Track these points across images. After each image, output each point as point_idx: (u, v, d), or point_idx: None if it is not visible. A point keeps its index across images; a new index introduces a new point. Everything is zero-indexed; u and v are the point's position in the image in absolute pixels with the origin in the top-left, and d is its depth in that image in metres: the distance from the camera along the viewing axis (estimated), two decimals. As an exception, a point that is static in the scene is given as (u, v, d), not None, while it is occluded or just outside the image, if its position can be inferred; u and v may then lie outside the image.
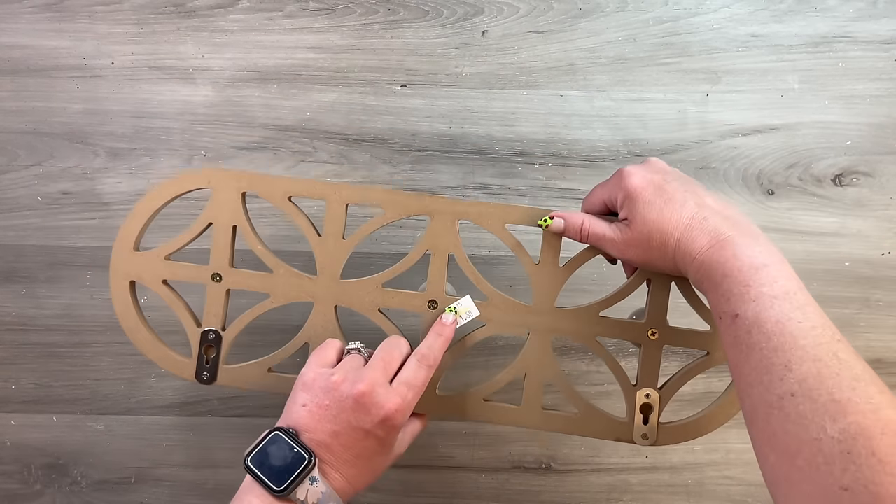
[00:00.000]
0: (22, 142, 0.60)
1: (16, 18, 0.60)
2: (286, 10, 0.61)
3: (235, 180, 0.47)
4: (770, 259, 0.37)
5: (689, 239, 0.40)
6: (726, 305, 0.37)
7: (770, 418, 0.33)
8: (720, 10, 0.61)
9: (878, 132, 0.61)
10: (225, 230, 0.48)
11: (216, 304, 0.48)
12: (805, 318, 0.35)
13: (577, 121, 0.61)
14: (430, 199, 0.47)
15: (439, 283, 0.47)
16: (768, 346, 0.35)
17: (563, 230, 0.45)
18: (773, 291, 0.36)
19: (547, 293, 0.47)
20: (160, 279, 0.48)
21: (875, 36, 0.61)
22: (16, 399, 0.60)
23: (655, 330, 0.46)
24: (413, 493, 0.61)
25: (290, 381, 0.47)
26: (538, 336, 0.47)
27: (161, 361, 0.48)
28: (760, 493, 0.61)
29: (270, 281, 0.48)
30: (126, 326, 0.48)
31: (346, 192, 0.47)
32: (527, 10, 0.61)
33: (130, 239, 0.48)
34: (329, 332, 0.48)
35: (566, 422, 0.47)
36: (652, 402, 0.47)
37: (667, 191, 0.41)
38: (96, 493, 0.60)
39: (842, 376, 0.33)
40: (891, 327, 0.61)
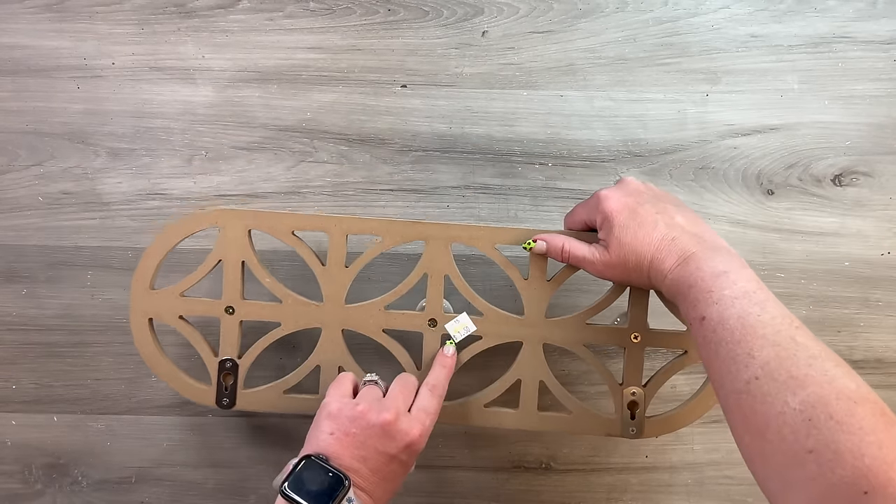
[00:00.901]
0: (22, 142, 0.60)
1: (16, 19, 0.60)
2: (286, 11, 0.61)
3: (241, 219, 0.51)
4: (729, 266, 0.41)
5: (659, 260, 0.44)
6: (694, 311, 0.41)
7: (740, 403, 0.37)
8: (720, 10, 0.61)
9: (878, 132, 0.61)
10: (234, 266, 0.51)
11: (231, 335, 0.51)
12: (763, 311, 0.38)
13: (576, 121, 0.61)
14: (424, 226, 0.51)
15: (437, 302, 0.51)
16: (732, 339, 0.38)
17: (545, 252, 0.49)
18: (734, 293, 0.39)
19: (536, 305, 0.51)
20: (177, 315, 0.51)
21: (875, 36, 0.61)
22: (16, 399, 0.60)
23: (638, 333, 0.51)
24: (413, 493, 0.61)
25: (305, 401, 0.51)
26: (531, 345, 0.51)
27: (183, 390, 0.52)
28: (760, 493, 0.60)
29: (280, 310, 0.51)
30: (148, 360, 0.52)
31: (346, 224, 0.51)
32: (527, 10, 0.61)
33: (146, 279, 0.51)
34: (338, 355, 0.51)
35: (560, 422, 0.51)
36: (638, 398, 0.51)
37: (640, 214, 0.45)
38: (97, 492, 0.60)
39: (798, 356, 0.36)
40: (890, 327, 0.61)
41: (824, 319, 0.61)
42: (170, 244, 0.51)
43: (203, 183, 0.60)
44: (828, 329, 0.61)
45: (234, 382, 0.51)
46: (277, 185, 0.60)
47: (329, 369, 0.51)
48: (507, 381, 0.51)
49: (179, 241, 0.51)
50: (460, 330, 0.51)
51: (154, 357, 0.52)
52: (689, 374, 0.60)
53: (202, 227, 0.51)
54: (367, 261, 0.51)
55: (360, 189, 0.61)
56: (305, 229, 0.51)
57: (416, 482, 0.61)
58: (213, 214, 0.51)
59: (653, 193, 0.47)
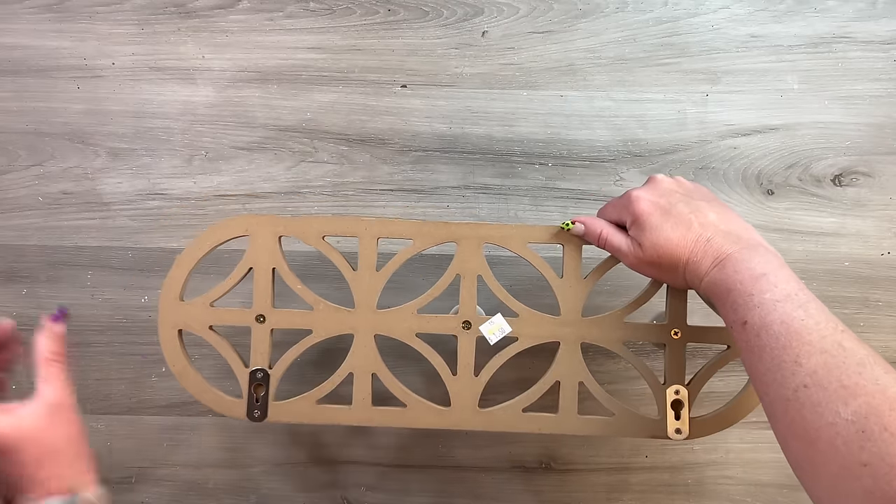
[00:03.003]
0: (23, 142, 0.60)
1: (17, 19, 0.60)
2: (287, 11, 0.61)
3: (271, 225, 0.50)
4: (768, 267, 0.40)
5: (695, 262, 0.43)
6: (734, 315, 0.40)
7: (788, 410, 0.36)
8: (720, 10, 0.61)
9: (878, 132, 0.61)
10: (265, 273, 0.50)
11: (262, 344, 0.50)
12: (807, 315, 0.37)
13: (576, 121, 0.61)
14: (455, 227, 0.50)
15: (471, 304, 0.50)
16: (777, 345, 0.37)
17: (582, 234, 0.48)
18: (775, 296, 0.39)
19: (573, 304, 0.50)
20: (207, 325, 0.50)
21: (874, 36, 0.61)
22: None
23: (678, 330, 0.49)
24: (413, 493, 0.61)
25: (339, 412, 0.49)
26: (568, 345, 0.50)
27: (212, 404, 0.50)
28: (760, 493, 0.61)
29: (311, 317, 0.50)
30: (177, 373, 0.50)
31: (377, 228, 0.50)
32: (527, 10, 0.61)
33: (176, 290, 0.50)
34: (371, 361, 0.50)
35: (603, 425, 0.49)
36: (682, 397, 0.49)
37: (672, 214, 0.44)
38: (97, 492, 0.60)
39: (847, 363, 0.35)
40: (890, 327, 0.61)
41: (824, 319, 0.61)
42: (200, 253, 0.50)
43: (203, 183, 0.60)
44: (828, 329, 0.61)
45: (266, 394, 0.50)
46: (277, 185, 0.60)
47: (362, 376, 0.50)
48: (546, 383, 0.49)
49: (210, 250, 0.50)
50: (495, 331, 0.49)
51: (185, 371, 0.50)
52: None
53: (233, 235, 0.50)
54: (400, 264, 0.50)
55: (360, 189, 0.61)
56: (336, 234, 0.50)
57: (416, 482, 0.61)
58: (242, 221, 0.50)
59: (685, 190, 0.46)
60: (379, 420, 0.49)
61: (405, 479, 0.61)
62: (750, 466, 0.61)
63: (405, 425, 0.49)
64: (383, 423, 0.49)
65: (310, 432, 0.60)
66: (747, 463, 0.61)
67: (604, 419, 0.49)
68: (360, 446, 0.61)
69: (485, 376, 0.50)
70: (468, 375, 0.50)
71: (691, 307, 0.49)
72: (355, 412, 0.49)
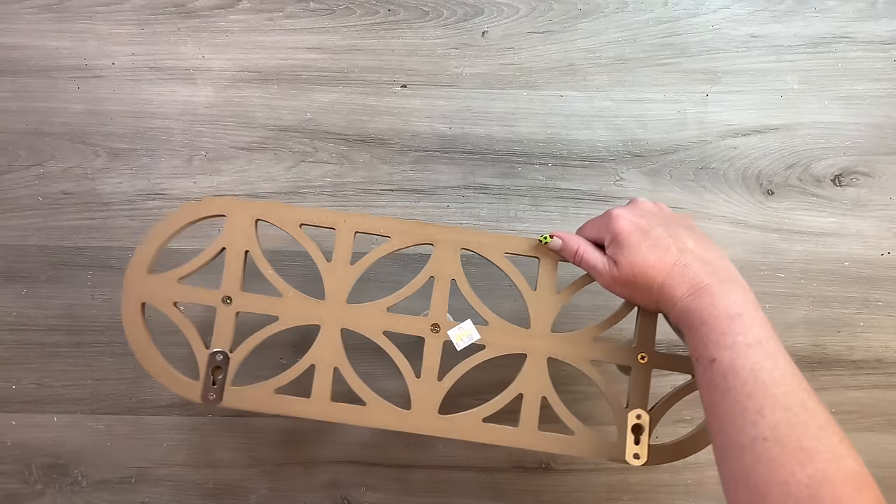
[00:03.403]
0: (23, 142, 0.60)
1: (17, 19, 0.60)
2: (287, 11, 0.61)
3: (249, 208, 0.49)
4: (745, 308, 0.41)
5: (670, 286, 0.43)
6: (704, 350, 0.40)
7: (742, 458, 0.37)
8: (720, 10, 0.61)
9: (878, 132, 0.61)
10: (237, 255, 0.49)
11: (225, 327, 0.49)
12: (776, 366, 0.38)
13: (576, 121, 0.61)
14: (434, 228, 0.50)
15: (442, 307, 0.49)
16: (742, 391, 0.38)
17: (559, 249, 0.49)
18: (748, 339, 0.39)
19: (543, 318, 0.49)
20: (172, 301, 0.49)
21: (874, 36, 0.61)
22: (17, 399, 0.60)
23: (645, 354, 0.49)
24: (413, 493, 0.61)
25: (296, 403, 0.48)
26: (534, 359, 0.49)
27: (168, 383, 0.49)
28: (760, 493, 0.61)
29: (279, 304, 0.49)
30: (135, 346, 0.49)
31: (355, 221, 0.49)
32: (527, 10, 0.61)
33: (145, 262, 0.49)
34: (334, 355, 0.49)
35: (561, 442, 0.49)
36: (643, 422, 0.48)
37: (651, 236, 0.44)
38: (97, 492, 0.60)
39: (808, 425, 0.36)
40: (890, 327, 0.61)
41: (824, 319, 0.61)
42: (175, 228, 0.49)
43: (203, 183, 0.60)
44: (828, 329, 0.61)
45: (224, 378, 0.49)
46: (277, 185, 0.60)
47: (324, 369, 0.49)
48: (509, 395, 0.49)
49: (185, 225, 0.50)
50: (463, 337, 0.49)
51: (142, 344, 0.49)
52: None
53: (209, 213, 0.49)
54: (374, 260, 0.50)
55: (360, 189, 0.61)
56: (314, 223, 0.50)
57: (416, 482, 0.61)
58: (221, 202, 0.50)
59: (664, 215, 0.47)
60: (336, 416, 0.48)
61: (405, 479, 0.61)
62: (750, 466, 0.61)
63: (362, 424, 0.49)
64: (340, 419, 0.48)
65: (310, 431, 0.60)
66: (747, 463, 0.61)
67: (563, 437, 0.49)
68: (361, 446, 0.61)
69: (448, 382, 0.49)
70: (432, 379, 0.49)
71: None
72: (313, 405, 0.48)
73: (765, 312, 0.60)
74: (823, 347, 0.61)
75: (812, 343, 0.61)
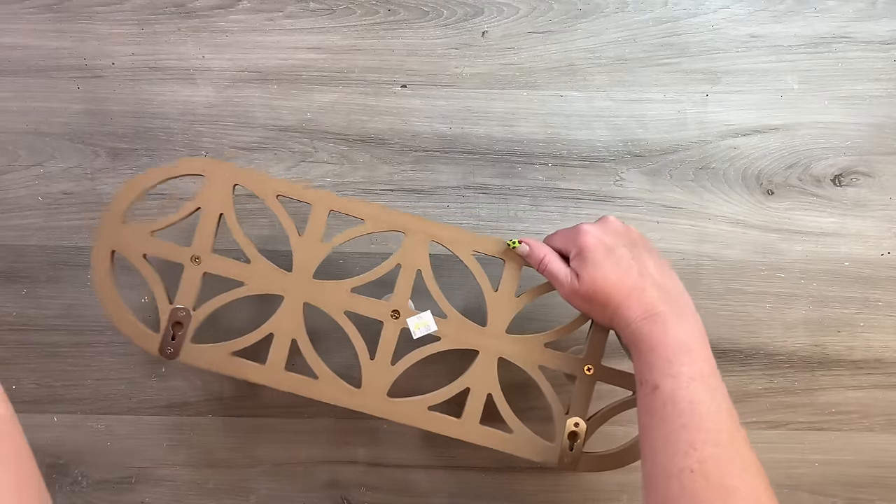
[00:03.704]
0: (23, 142, 0.60)
1: (17, 19, 0.60)
2: (287, 11, 0.61)
3: (229, 172, 0.50)
4: (694, 340, 0.43)
5: (626, 307, 0.45)
6: (649, 375, 0.42)
7: (669, 485, 0.39)
8: (719, 10, 0.61)
9: (878, 132, 0.61)
10: (212, 217, 0.50)
11: (191, 285, 0.50)
12: (713, 402, 0.40)
13: (576, 121, 0.61)
14: (407, 218, 0.51)
15: (404, 295, 0.51)
16: (679, 421, 0.40)
17: (525, 255, 0.50)
18: (692, 372, 0.41)
19: (500, 319, 0.51)
20: (142, 253, 0.50)
21: (874, 36, 0.61)
22: (17, 399, 0.60)
23: (591, 366, 0.51)
24: (413, 493, 0.61)
25: (250, 368, 0.50)
26: (486, 357, 0.51)
27: (129, 332, 0.50)
28: (760, 493, 0.61)
29: (247, 270, 0.50)
30: (100, 293, 0.50)
31: (331, 200, 0.51)
32: (527, 10, 0.61)
33: (121, 210, 0.50)
34: (294, 327, 0.50)
35: (500, 439, 0.50)
36: (579, 431, 0.50)
37: (615, 255, 0.46)
38: (97, 492, 0.60)
39: (734, 464, 0.38)
40: (890, 327, 0.61)
41: (824, 319, 0.61)
42: (153, 181, 0.50)
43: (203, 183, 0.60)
44: (828, 329, 0.61)
45: (184, 334, 0.50)
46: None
47: (282, 339, 0.50)
48: (456, 387, 0.51)
49: (164, 180, 0.50)
50: (421, 327, 0.50)
51: (107, 290, 0.50)
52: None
53: (189, 172, 0.50)
54: (345, 240, 0.51)
55: (360, 189, 0.61)
56: (291, 196, 0.50)
57: (416, 482, 0.61)
58: (202, 162, 0.50)
59: (631, 238, 0.48)
60: (287, 385, 0.50)
61: (405, 479, 0.61)
62: (750, 466, 0.61)
63: (311, 396, 0.50)
64: (291, 388, 0.50)
65: (310, 431, 0.60)
66: (747, 463, 0.61)
67: (502, 434, 0.50)
68: (361, 446, 0.61)
69: (400, 367, 0.50)
70: (385, 362, 0.50)
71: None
72: (265, 372, 0.49)
73: (764, 312, 0.61)
74: (823, 347, 0.61)
75: (812, 343, 0.61)
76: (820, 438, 0.61)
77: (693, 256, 0.61)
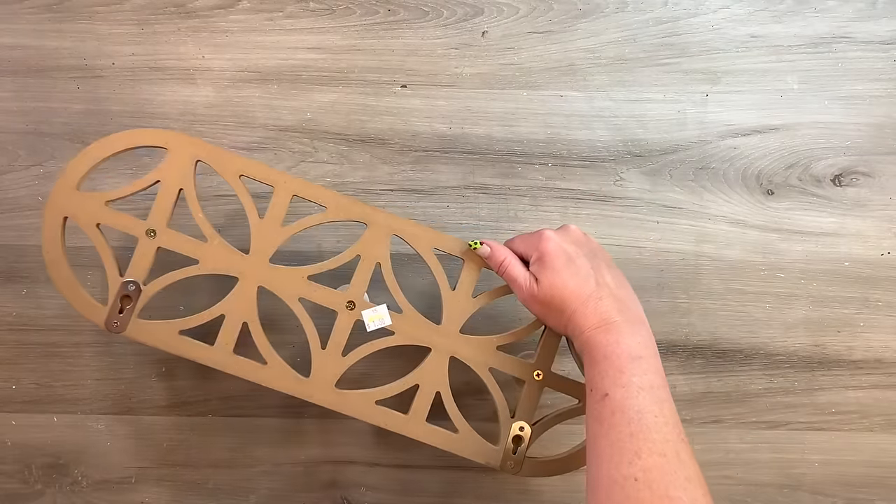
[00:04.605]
0: (23, 142, 0.60)
1: (17, 19, 0.60)
2: (286, 11, 0.61)
3: (192, 146, 0.49)
4: (646, 352, 0.44)
5: (582, 314, 0.45)
6: (600, 382, 0.43)
7: (612, 493, 0.39)
8: (719, 10, 0.61)
9: (878, 132, 0.61)
10: (171, 191, 0.49)
11: (144, 259, 0.49)
12: (661, 413, 0.41)
13: (576, 121, 0.61)
14: (370, 210, 0.50)
15: (361, 287, 0.50)
16: (626, 430, 0.40)
17: (486, 257, 0.50)
18: (642, 382, 0.42)
19: (455, 318, 0.51)
20: (95, 222, 0.49)
21: (874, 36, 0.61)
22: (17, 399, 0.60)
23: (541, 372, 0.51)
24: (413, 493, 0.61)
25: (197, 348, 0.49)
26: (438, 355, 0.51)
27: (75, 302, 0.49)
28: (760, 493, 0.61)
29: (202, 249, 0.49)
30: (49, 260, 0.49)
31: (295, 185, 0.50)
32: (527, 10, 0.61)
33: (75, 177, 0.49)
34: (246, 310, 0.49)
35: (445, 438, 0.50)
36: (524, 435, 0.50)
37: (575, 264, 0.47)
38: (97, 492, 0.60)
39: (678, 475, 0.39)
40: (890, 327, 0.61)
41: (824, 319, 0.61)
42: (113, 150, 0.49)
43: (203, 183, 0.60)
44: (828, 329, 0.61)
45: (132, 308, 0.48)
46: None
47: (232, 322, 0.49)
48: (405, 383, 0.50)
49: (124, 150, 0.49)
50: (375, 320, 0.50)
51: (58, 261, 0.48)
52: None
53: (151, 143, 0.49)
54: (306, 226, 0.50)
55: (360, 189, 0.61)
56: (253, 176, 0.49)
57: (416, 482, 0.61)
58: (164, 134, 0.49)
59: (591, 248, 0.49)
60: (234, 368, 0.49)
61: (405, 479, 0.61)
62: (751, 467, 0.61)
63: (258, 381, 0.49)
64: (237, 372, 0.49)
65: (310, 432, 0.60)
66: (748, 463, 0.61)
67: (447, 433, 0.50)
68: (361, 446, 0.61)
69: (351, 359, 0.50)
70: (336, 353, 0.50)
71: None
72: (213, 353, 0.49)
73: (764, 312, 0.61)
74: (823, 347, 0.61)
75: (812, 343, 0.61)
76: (820, 438, 0.61)
77: (693, 256, 0.61)
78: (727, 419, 0.61)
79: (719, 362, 0.61)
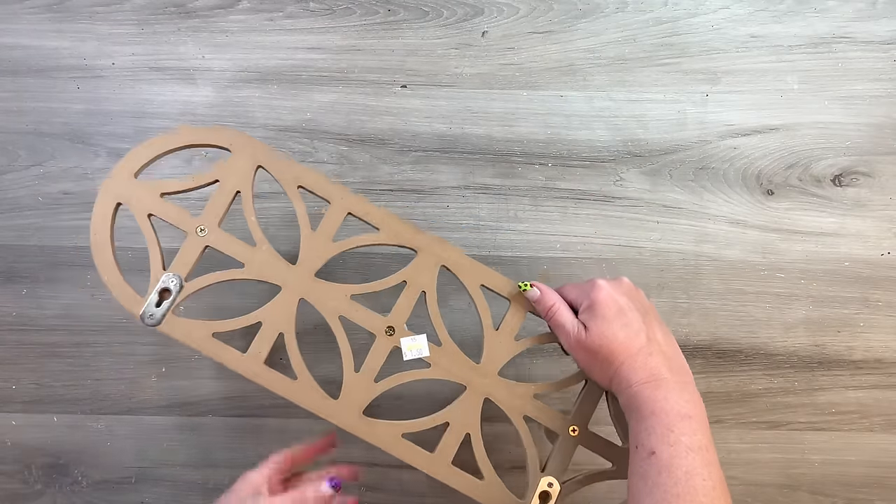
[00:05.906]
0: (23, 142, 0.60)
1: (17, 19, 0.60)
2: (287, 11, 0.61)
3: (255, 150, 0.49)
4: (695, 411, 0.43)
5: (630, 367, 0.44)
6: (647, 440, 0.42)
7: None
8: (719, 10, 0.61)
9: (878, 132, 0.61)
10: (228, 192, 0.48)
11: (190, 255, 0.48)
12: (709, 476, 0.40)
13: (576, 121, 0.61)
14: (423, 237, 0.49)
15: (404, 313, 0.49)
16: (673, 490, 0.39)
17: (535, 300, 0.49)
18: (691, 443, 0.41)
19: (495, 359, 0.49)
20: (147, 212, 0.48)
21: (874, 36, 0.61)
22: (17, 399, 0.60)
23: (577, 427, 0.49)
24: (413, 493, 0.61)
25: (229, 353, 0.47)
26: (472, 394, 0.49)
27: (115, 289, 0.48)
28: (760, 493, 0.61)
29: (250, 253, 0.48)
30: (95, 242, 0.48)
31: (352, 201, 0.49)
32: (527, 10, 0.61)
33: (135, 165, 0.48)
34: (284, 321, 0.48)
35: (469, 484, 0.48)
36: (552, 492, 0.48)
37: (627, 315, 0.46)
38: (97, 492, 0.60)
39: None
40: (890, 327, 0.61)
41: (824, 319, 0.61)
42: (174, 144, 0.48)
43: (204, 182, 0.60)
44: (828, 329, 0.61)
45: (171, 304, 0.47)
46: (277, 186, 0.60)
47: (269, 330, 0.48)
48: (435, 420, 0.48)
49: (188, 145, 0.48)
50: (413, 349, 0.48)
51: (104, 245, 0.47)
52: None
53: (215, 143, 0.48)
54: (356, 245, 0.49)
55: (361, 189, 0.61)
56: (312, 189, 0.49)
57: (416, 482, 0.61)
58: (230, 134, 0.48)
59: (643, 303, 0.48)
60: (263, 379, 0.47)
61: (405, 479, 0.61)
62: (750, 466, 0.61)
63: (286, 396, 0.48)
64: (265, 383, 0.47)
65: (310, 432, 0.60)
66: (748, 463, 0.61)
67: (472, 479, 0.48)
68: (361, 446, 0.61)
69: (383, 386, 0.48)
70: (369, 378, 0.48)
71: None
72: (243, 361, 0.47)
73: (764, 312, 0.61)
74: (823, 347, 0.61)
75: (812, 343, 0.61)
76: (820, 438, 0.61)
77: (693, 256, 0.61)
78: (727, 419, 0.61)
79: (719, 362, 0.61)
